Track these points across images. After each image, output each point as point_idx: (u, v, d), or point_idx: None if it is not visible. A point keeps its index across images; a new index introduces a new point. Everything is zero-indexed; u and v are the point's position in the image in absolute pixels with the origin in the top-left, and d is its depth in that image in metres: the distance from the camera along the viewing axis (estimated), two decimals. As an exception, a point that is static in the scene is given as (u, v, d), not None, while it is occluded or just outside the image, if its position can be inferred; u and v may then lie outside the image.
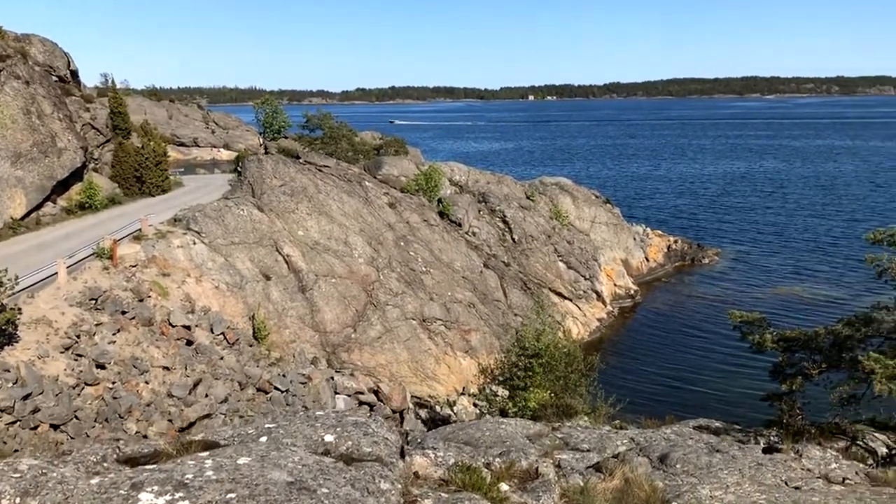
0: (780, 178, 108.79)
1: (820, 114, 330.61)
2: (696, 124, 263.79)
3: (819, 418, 18.87)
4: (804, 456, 10.13)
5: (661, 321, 48.17)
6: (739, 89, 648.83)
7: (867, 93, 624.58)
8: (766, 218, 77.49)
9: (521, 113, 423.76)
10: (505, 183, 55.11)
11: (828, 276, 54.50)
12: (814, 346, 18.76)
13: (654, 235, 63.73)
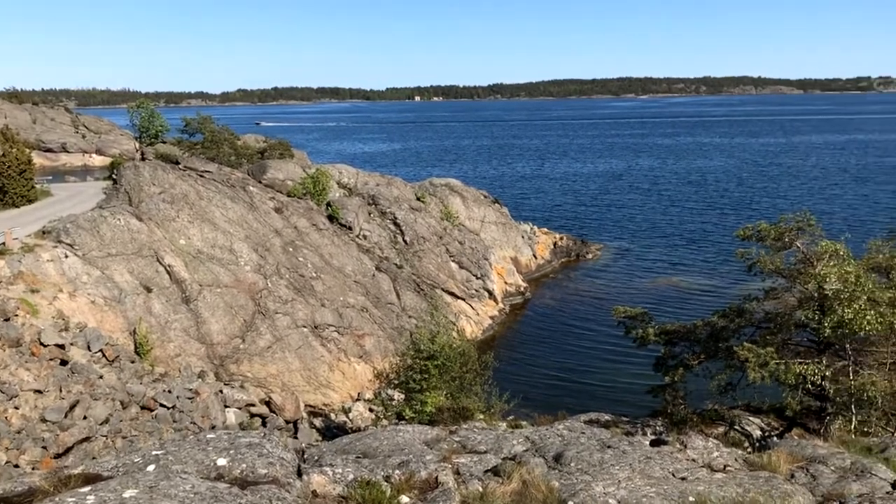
0: (655, 174, 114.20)
1: (690, 112, 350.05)
2: (576, 124, 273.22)
3: (700, 406, 19.98)
4: (689, 447, 10.62)
5: (550, 316, 49.50)
6: (615, 90, 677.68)
7: (731, 92, 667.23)
8: (644, 213, 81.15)
9: (408, 113, 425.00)
10: (395, 185, 55.03)
11: (703, 268, 57.65)
12: (693, 337, 19.81)
13: (541, 233, 65.44)
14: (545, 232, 66.31)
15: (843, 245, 18.21)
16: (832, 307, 16.40)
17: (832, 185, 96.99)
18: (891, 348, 16.93)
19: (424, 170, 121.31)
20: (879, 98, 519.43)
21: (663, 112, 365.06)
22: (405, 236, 49.26)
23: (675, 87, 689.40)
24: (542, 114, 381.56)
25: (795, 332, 19.24)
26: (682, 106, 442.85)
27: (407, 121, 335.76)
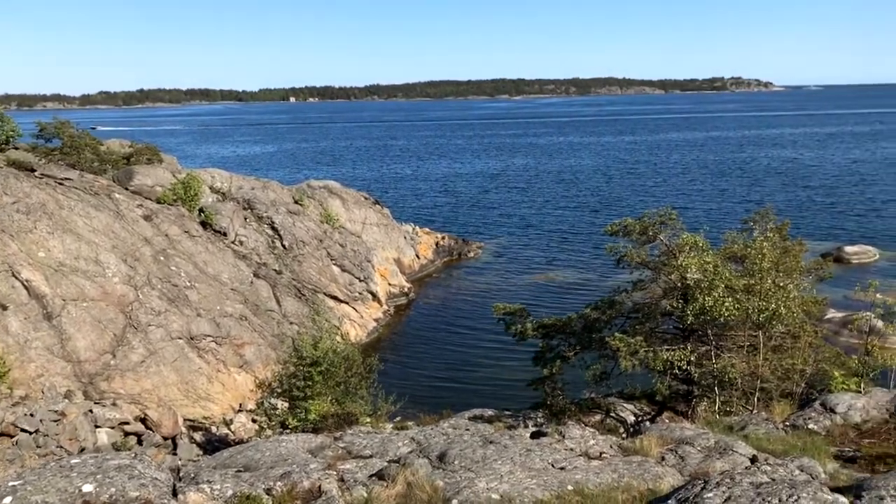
0: (530, 173, 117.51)
1: (561, 113, 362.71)
2: (453, 125, 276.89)
3: (578, 395, 20.77)
4: (567, 437, 11.00)
5: (435, 316, 49.93)
6: (490, 91, 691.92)
7: (599, 92, 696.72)
8: (521, 211, 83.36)
9: (282, 115, 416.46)
10: (271, 188, 53.73)
11: (577, 263, 59.88)
12: (568, 330, 20.55)
13: (423, 233, 65.90)
14: (427, 232, 66.81)
15: (702, 237, 19.44)
16: (694, 296, 17.48)
17: (693, 180, 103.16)
18: (747, 332, 18.24)
19: (301, 172, 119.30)
20: (732, 97, 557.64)
21: (536, 112, 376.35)
22: (284, 241, 48.22)
23: (547, 88, 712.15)
24: (420, 114, 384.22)
25: (662, 320, 20.36)
26: (554, 106, 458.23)
27: (282, 122, 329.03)
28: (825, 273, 24.34)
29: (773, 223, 23.58)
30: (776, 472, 8.00)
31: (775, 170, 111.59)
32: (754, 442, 11.22)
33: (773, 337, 18.29)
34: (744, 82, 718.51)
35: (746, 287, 17.58)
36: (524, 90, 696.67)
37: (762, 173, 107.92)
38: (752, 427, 12.63)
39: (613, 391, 20.88)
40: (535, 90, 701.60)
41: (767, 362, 17.19)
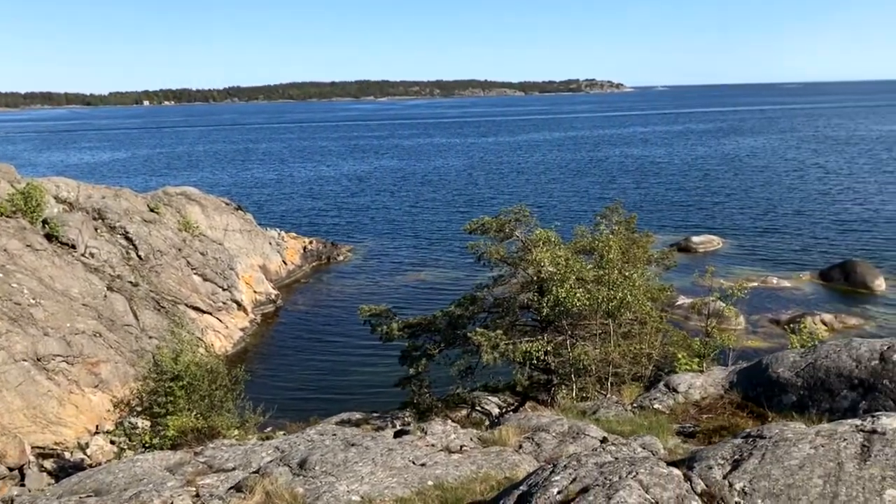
0: (398, 175, 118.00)
1: (426, 114, 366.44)
2: (318, 127, 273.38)
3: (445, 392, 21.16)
4: (429, 433, 11.17)
5: (304, 322, 49.11)
6: (355, 92, 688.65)
7: (462, 94, 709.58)
8: (390, 213, 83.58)
9: (135, 119, 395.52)
10: (124, 196, 50.92)
11: (446, 262, 60.76)
12: (433, 328, 20.86)
13: (290, 238, 64.62)
14: (294, 237, 65.58)
15: (554, 232, 20.31)
16: (549, 288, 18.24)
17: (554, 179, 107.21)
18: (599, 321, 19.24)
19: (157, 179, 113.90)
20: (587, 98, 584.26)
21: (402, 114, 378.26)
22: (139, 251, 45.87)
23: (412, 89, 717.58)
24: (283, 116, 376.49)
25: (521, 313, 21.10)
26: (419, 108, 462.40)
27: (134, 127, 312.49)
28: (670, 262, 26.06)
29: (622, 217, 25.01)
30: (620, 451, 8.50)
31: (628, 167, 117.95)
32: (605, 424, 11.85)
33: (622, 324, 19.40)
34: (597, 84, 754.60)
35: (596, 278, 18.55)
36: (389, 91, 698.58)
37: (616, 171, 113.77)
38: (604, 410, 13.35)
39: (478, 385, 21.42)
40: (401, 91, 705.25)
41: (618, 348, 18.23)
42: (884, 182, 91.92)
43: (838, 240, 62.69)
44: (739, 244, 62.91)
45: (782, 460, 7.49)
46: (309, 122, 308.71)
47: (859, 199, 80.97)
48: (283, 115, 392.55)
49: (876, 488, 6.96)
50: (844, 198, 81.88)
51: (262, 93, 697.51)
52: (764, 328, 42.80)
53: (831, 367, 12.48)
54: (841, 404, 11.91)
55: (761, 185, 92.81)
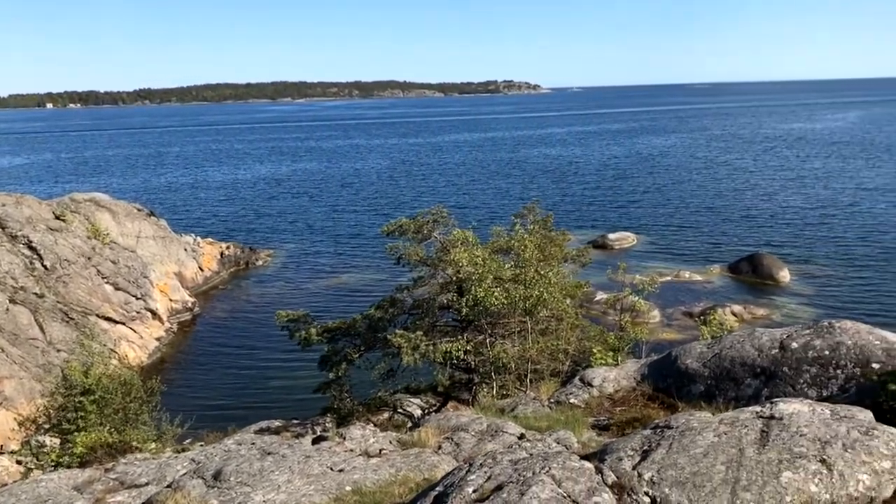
0: (318, 177, 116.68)
1: (346, 115, 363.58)
2: (234, 129, 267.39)
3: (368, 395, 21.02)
4: (347, 438, 11.07)
5: (223, 329, 47.93)
6: (272, 94, 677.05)
7: (382, 95, 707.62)
8: (311, 216, 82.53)
9: (38, 123, 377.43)
10: (26, 203, 48.48)
11: (368, 264, 60.40)
12: (353, 332, 20.70)
13: (206, 244, 62.94)
14: (210, 242, 63.91)
15: (472, 232, 20.48)
16: (468, 288, 18.38)
17: (474, 179, 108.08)
18: (517, 319, 19.51)
19: (62, 185, 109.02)
20: (505, 99, 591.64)
21: (320, 115, 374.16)
22: (44, 261, 43.78)
23: (330, 91, 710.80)
24: (197, 119, 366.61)
25: (441, 314, 21.18)
26: (338, 109, 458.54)
27: (36, 131, 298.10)
28: (585, 259, 26.68)
29: (539, 216, 25.44)
30: (535, 447, 8.63)
31: (547, 167, 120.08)
32: (523, 421, 12.02)
33: (539, 321, 19.74)
34: (515, 85, 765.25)
35: (513, 277, 18.81)
36: (307, 93, 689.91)
37: (535, 171, 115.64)
38: (522, 407, 13.54)
39: (400, 387, 21.40)
40: (319, 93, 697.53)
41: (536, 345, 18.53)
42: (788, 178, 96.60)
43: (746, 234, 65.50)
44: (653, 240, 64.93)
45: (688, 449, 7.77)
46: (224, 125, 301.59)
47: (765, 195, 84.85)
48: (198, 118, 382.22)
49: (773, 471, 7.30)
50: (752, 194, 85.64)
51: (174, 95, 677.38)
52: (678, 320, 44.29)
53: (735, 357, 13.03)
54: (745, 392, 12.45)
55: (674, 183, 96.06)
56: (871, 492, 7.28)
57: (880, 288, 48.52)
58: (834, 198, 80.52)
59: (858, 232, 63.69)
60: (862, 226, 65.98)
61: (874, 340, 12.08)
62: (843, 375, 11.75)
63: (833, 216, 70.64)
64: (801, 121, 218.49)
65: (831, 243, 60.40)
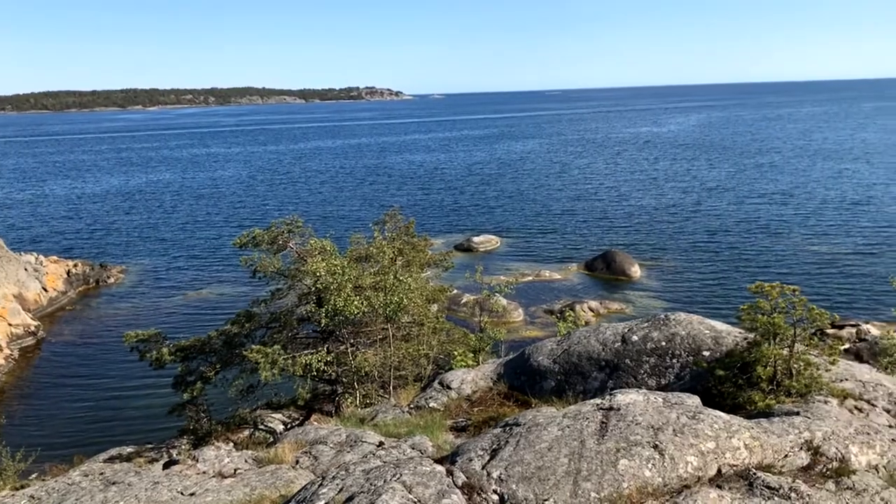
0: (173, 188, 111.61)
1: (202, 123, 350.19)
2: (78, 139, 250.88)
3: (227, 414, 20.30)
4: (200, 459, 10.66)
5: (71, 353, 44.78)
6: (121, 101, 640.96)
7: (240, 102, 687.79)
8: (166, 229, 78.81)
9: None
10: None
11: (229, 277, 58.43)
12: (209, 349, 19.96)
13: (50, 262, 58.66)
14: (55, 260, 59.63)
15: (330, 241, 20.30)
16: (327, 298, 18.19)
17: (337, 187, 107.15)
18: (379, 326, 19.53)
19: None
20: (368, 106, 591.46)
21: (174, 123, 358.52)
22: None
23: (184, 98, 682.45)
24: (36, 129, 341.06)
25: (300, 326, 20.84)
26: (194, 117, 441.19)
27: None
28: (448, 263, 27.10)
29: (401, 222, 25.60)
30: (390, 455, 8.67)
31: (412, 173, 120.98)
32: (383, 429, 12.04)
33: (401, 327, 19.85)
34: (377, 91, 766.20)
35: (373, 284, 18.82)
36: (160, 100, 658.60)
37: (400, 177, 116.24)
38: (382, 415, 13.55)
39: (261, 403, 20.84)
40: (172, 100, 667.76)
41: (399, 351, 18.62)
42: (638, 180, 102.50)
43: (601, 233, 68.88)
44: (516, 242, 66.98)
45: (534, 444, 8.08)
46: (68, 135, 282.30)
47: (618, 195, 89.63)
48: (37, 128, 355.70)
49: (611, 460, 7.73)
50: (606, 195, 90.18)
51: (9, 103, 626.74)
52: (540, 318, 45.88)
53: (582, 352, 13.67)
54: (592, 385, 13.10)
55: (534, 187, 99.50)
56: (698, 472, 7.87)
57: (720, 280, 52.47)
58: (680, 197, 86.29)
59: (702, 228, 68.60)
60: (705, 222, 71.11)
61: (704, 330, 13.05)
62: (678, 364, 12.61)
63: (679, 214, 75.68)
64: (648, 125, 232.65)
65: (678, 239, 64.68)
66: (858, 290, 48.85)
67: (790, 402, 10.24)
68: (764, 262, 56.20)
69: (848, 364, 12.26)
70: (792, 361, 10.68)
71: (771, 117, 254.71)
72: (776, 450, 8.51)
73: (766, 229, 66.99)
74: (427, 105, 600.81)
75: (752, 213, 74.88)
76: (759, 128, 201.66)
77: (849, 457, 8.71)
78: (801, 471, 8.40)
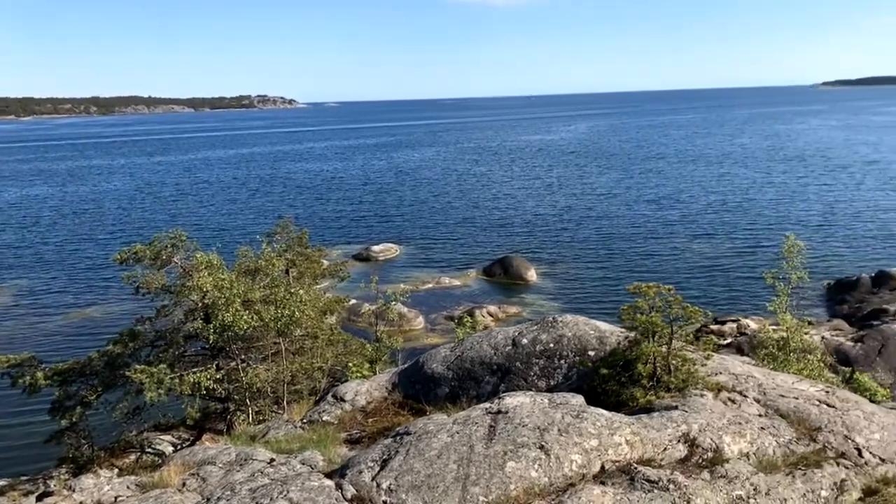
0: (49, 204, 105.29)
1: (83, 134, 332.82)
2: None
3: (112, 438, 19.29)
4: (77, 489, 10.09)
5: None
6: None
7: (124, 112, 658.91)
8: (45, 247, 74.34)
9: None
10: None
11: (116, 294, 55.64)
12: (89, 371, 18.94)
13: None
14: (-84, 284, 55.13)
15: (216, 255, 19.69)
16: (215, 314, 17.63)
17: (230, 199, 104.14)
18: (271, 340, 19.10)
19: None
20: (261, 114, 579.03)
21: (51, 134, 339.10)
22: None
23: (63, 107, 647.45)
24: None
25: (188, 343, 20.11)
26: (74, 127, 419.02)
27: None
28: (344, 274, 26.85)
29: (293, 233, 25.14)
30: (279, 472, 8.48)
31: (308, 183, 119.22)
32: (274, 445, 11.75)
33: (294, 341, 19.49)
34: (270, 100, 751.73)
35: (263, 298, 18.40)
36: (35, 110, 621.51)
37: (296, 187, 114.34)
38: (274, 431, 13.25)
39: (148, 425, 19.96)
40: (49, 110, 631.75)
41: (292, 365, 18.27)
42: (533, 186, 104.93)
43: (499, 239, 70.07)
44: (416, 249, 67.18)
45: (424, 452, 8.10)
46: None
47: (514, 202, 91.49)
48: None
49: (499, 463, 7.85)
50: (502, 202, 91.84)
51: None
52: (441, 325, 46.16)
53: (475, 357, 13.85)
54: (485, 389, 13.27)
55: (433, 195, 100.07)
56: (582, 469, 8.10)
57: (611, 281, 54.40)
58: (573, 202, 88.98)
59: (594, 232, 70.98)
60: (597, 226, 73.60)
61: (590, 330, 13.49)
62: (566, 365, 12.97)
63: (573, 219, 78.01)
64: (541, 133, 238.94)
65: (572, 243, 66.67)
66: (739, 288, 51.81)
67: (669, 397, 10.72)
68: (652, 264, 58.75)
69: (722, 358, 12.96)
70: (670, 358, 11.19)
71: (655, 124, 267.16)
72: (656, 444, 8.88)
73: (653, 232, 70.03)
74: (322, 113, 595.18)
75: (640, 216, 78.13)
76: (645, 135, 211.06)
77: (722, 446, 9.20)
78: (679, 462, 8.79)
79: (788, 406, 10.78)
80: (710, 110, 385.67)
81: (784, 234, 22.65)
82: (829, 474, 8.88)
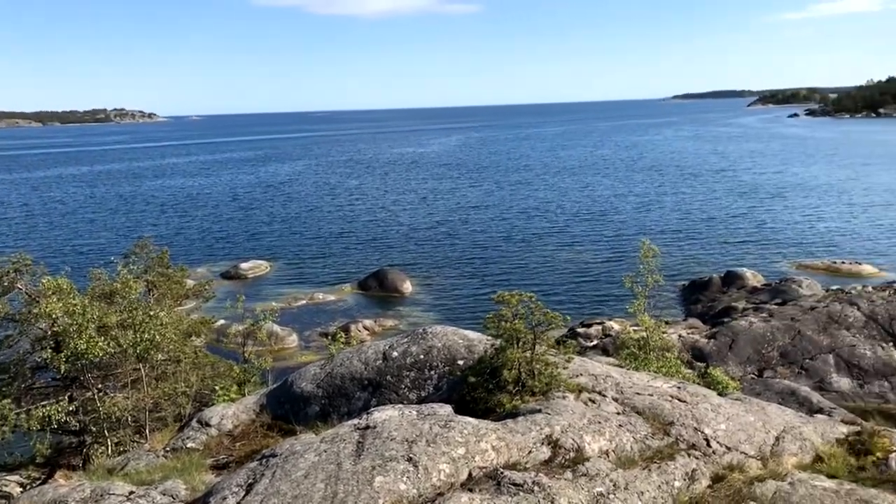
0: None
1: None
2: None
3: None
4: None
5: None
6: None
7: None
8: None
9: None
10: None
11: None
12: None
13: None
14: None
15: (67, 279, 18.51)
16: (66, 342, 16.55)
17: (83, 219, 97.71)
18: (130, 367, 18.12)
19: None
20: (118, 129, 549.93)
21: None
22: None
23: None
24: None
25: (36, 375, 18.78)
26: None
27: None
28: (208, 294, 25.90)
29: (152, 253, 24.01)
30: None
31: (172, 200, 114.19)
32: (134, 477, 11.14)
33: (155, 366, 18.60)
34: (128, 114, 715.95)
35: (120, 322, 17.46)
36: None
37: (159, 204, 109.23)
38: (134, 462, 12.57)
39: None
40: None
41: (154, 392, 17.41)
42: (407, 199, 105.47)
43: (374, 252, 69.88)
44: (287, 266, 65.85)
45: (290, 474, 7.94)
46: None
47: (388, 214, 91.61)
48: None
49: (367, 479, 7.81)
50: (376, 215, 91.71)
51: None
52: (315, 342, 45.43)
53: (346, 374, 13.73)
54: (356, 405, 13.18)
55: (305, 210, 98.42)
56: (451, 478, 8.20)
57: (484, 291, 55.52)
58: (447, 214, 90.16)
59: (467, 243, 72.22)
60: (470, 238, 74.94)
61: (458, 340, 13.71)
62: (436, 375, 13.12)
63: (446, 231, 79.02)
64: (413, 146, 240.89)
65: (446, 254, 67.52)
66: (604, 292, 54.28)
67: (534, 401, 11.07)
68: (523, 273, 60.51)
69: (583, 360, 13.54)
70: (534, 363, 11.57)
71: (522, 137, 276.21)
72: (521, 447, 9.13)
73: (524, 242, 72.16)
74: (184, 127, 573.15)
75: (511, 227, 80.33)
76: (513, 147, 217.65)
77: (583, 446, 9.59)
78: (543, 464, 9.09)
79: (644, 403, 11.40)
80: (572, 123, 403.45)
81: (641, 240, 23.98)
82: (681, 465, 9.47)
